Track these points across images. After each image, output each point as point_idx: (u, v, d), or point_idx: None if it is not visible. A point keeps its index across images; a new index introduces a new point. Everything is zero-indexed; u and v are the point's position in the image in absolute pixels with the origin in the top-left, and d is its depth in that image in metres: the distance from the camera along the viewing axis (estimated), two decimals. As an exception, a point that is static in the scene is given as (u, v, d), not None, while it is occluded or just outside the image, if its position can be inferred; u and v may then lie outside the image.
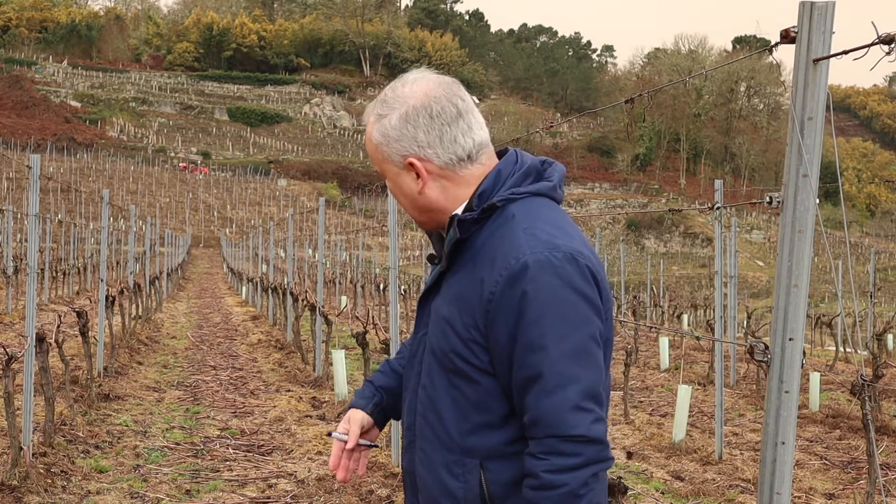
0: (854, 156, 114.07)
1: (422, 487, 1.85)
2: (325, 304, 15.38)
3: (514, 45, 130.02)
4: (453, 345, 1.76)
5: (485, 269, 1.73)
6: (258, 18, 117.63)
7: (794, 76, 2.00)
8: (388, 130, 1.83)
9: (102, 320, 10.13)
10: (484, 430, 1.76)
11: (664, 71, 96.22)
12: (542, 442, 1.66)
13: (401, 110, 1.81)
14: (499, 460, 1.75)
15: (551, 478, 1.65)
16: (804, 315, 2.03)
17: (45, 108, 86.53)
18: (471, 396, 1.76)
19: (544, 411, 1.66)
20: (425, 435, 1.83)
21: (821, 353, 16.81)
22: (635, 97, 4.33)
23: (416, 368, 1.88)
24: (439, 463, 1.79)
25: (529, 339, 1.67)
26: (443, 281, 1.84)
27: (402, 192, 1.87)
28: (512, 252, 1.70)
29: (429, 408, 1.82)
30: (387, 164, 1.86)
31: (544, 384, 1.66)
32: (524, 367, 1.68)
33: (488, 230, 1.77)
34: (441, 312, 1.80)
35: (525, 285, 1.67)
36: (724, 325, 8.75)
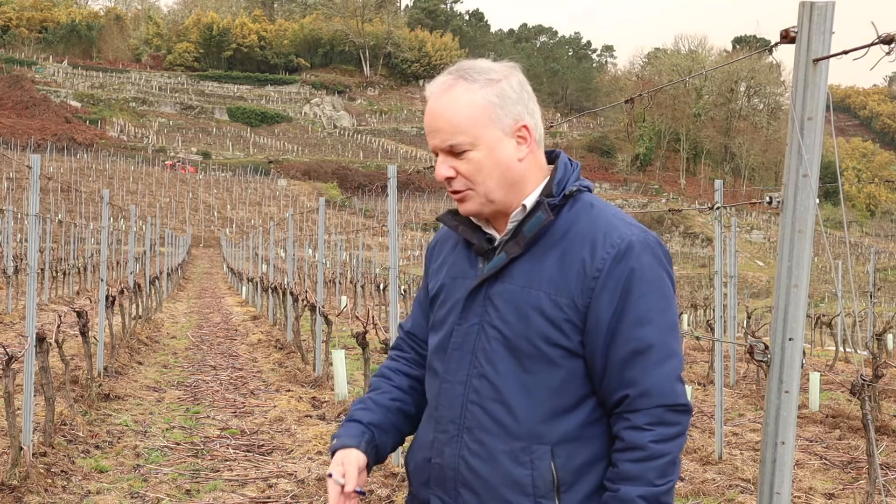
0: (854, 156, 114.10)
1: (474, 482, 1.80)
2: (325, 304, 15.38)
3: (514, 45, 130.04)
4: (539, 328, 1.77)
5: (584, 249, 1.77)
6: (258, 18, 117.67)
7: (794, 76, 2.00)
8: (508, 92, 1.82)
9: (102, 320, 10.13)
10: (558, 415, 1.77)
11: (664, 71, 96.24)
12: (651, 412, 1.72)
13: (517, 77, 1.84)
14: (569, 445, 1.77)
15: (657, 448, 1.71)
16: (804, 315, 2.03)
17: (45, 108, 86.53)
18: (549, 381, 1.77)
19: (656, 382, 1.73)
20: (483, 425, 1.80)
21: (821, 353, 16.81)
22: (635, 97, 4.33)
23: (468, 358, 1.84)
24: (503, 452, 1.77)
25: (638, 313, 1.74)
26: (511, 267, 1.82)
27: (496, 161, 1.81)
28: (615, 232, 1.77)
29: (490, 397, 1.80)
30: (489, 129, 1.80)
31: (653, 356, 1.73)
32: (632, 340, 1.73)
33: (567, 216, 1.82)
34: (516, 296, 1.79)
35: (632, 262, 1.75)
36: (724, 325, 8.75)
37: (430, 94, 1.85)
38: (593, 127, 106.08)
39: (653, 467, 1.70)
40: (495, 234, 1.89)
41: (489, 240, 1.89)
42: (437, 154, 1.85)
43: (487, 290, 1.84)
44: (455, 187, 1.84)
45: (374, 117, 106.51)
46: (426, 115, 1.86)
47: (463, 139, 1.79)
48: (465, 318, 1.87)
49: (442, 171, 1.83)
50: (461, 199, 1.85)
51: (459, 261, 1.93)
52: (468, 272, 1.89)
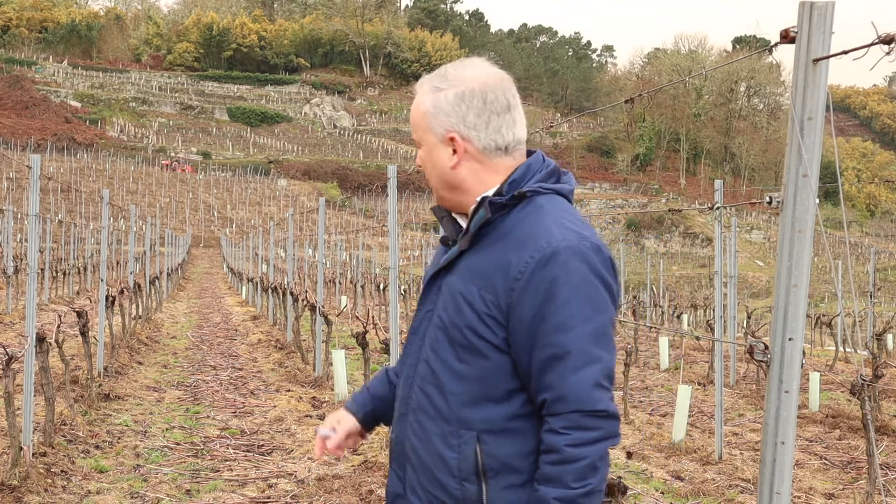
0: (854, 156, 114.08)
1: (414, 459, 1.92)
2: (325, 304, 15.38)
3: (514, 45, 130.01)
4: (468, 320, 1.84)
5: (513, 251, 1.82)
6: (258, 18, 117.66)
7: (794, 76, 2.00)
8: (442, 103, 1.94)
9: (102, 320, 10.13)
10: (484, 403, 1.83)
11: (664, 71, 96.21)
12: (567, 417, 1.76)
13: (459, 88, 1.93)
14: (496, 435, 1.83)
15: (573, 451, 1.75)
16: (804, 315, 2.04)
17: (45, 108, 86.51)
18: (477, 371, 1.84)
19: (571, 387, 1.76)
20: (423, 406, 1.90)
21: (821, 353, 16.81)
22: (635, 97, 4.34)
23: (418, 343, 1.96)
24: (435, 434, 1.86)
25: (559, 319, 1.77)
26: (460, 260, 1.92)
27: (433, 163, 1.96)
28: (544, 237, 1.81)
29: (429, 380, 1.89)
30: (427, 134, 1.96)
31: (571, 362, 1.76)
32: (550, 345, 1.77)
33: (516, 216, 1.88)
34: (456, 289, 1.88)
35: (556, 269, 1.78)
36: (724, 325, 8.76)
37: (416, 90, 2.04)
38: (593, 127, 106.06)
39: (569, 470, 1.74)
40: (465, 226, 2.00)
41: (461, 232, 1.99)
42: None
43: (441, 279, 1.95)
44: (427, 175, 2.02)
45: (374, 117, 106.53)
46: None
47: (415, 136, 2.00)
48: (422, 306, 2.00)
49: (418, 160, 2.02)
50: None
51: (440, 252, 2.06)
52: (437, 262, 2.02)
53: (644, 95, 4.12)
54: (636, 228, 73.68)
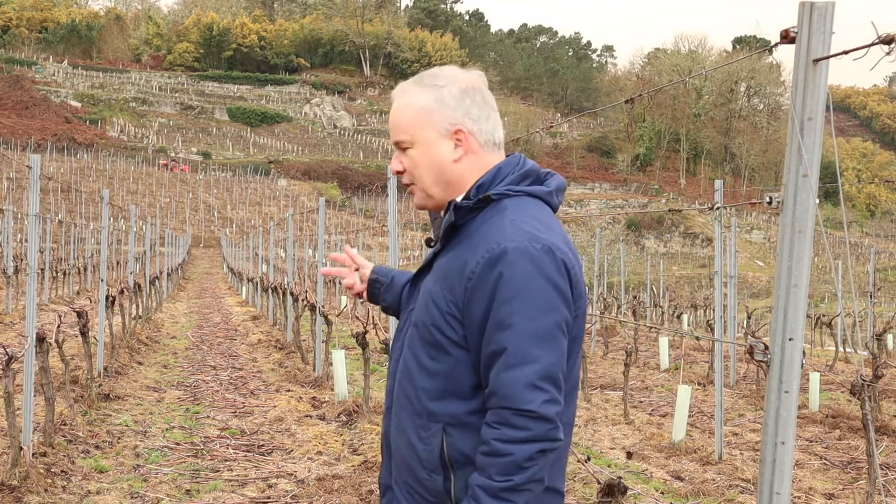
0: (854, 156, 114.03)
1: (394, 450, 2.01)
2: (325, 304, 15.38)
3: (514, 45, 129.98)
4: (434, 318, 1.91)
5: (469, 252, 1.88)
6: (258, 18, 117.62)
7: (794, 76, 2.00)
8: (447, 98, 1.98)
9: (102, 320, 10.13)
10: (449, 398, 1.90)
11: (664, 71, 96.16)
12: (497, 412, 1.80)
13: (461, 85, 1.99)
14: (460, 428, 1.89)
15: (499, 446, 1.78)
16: (804, 315, 2.03)
17: (45, 108, 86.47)
18: (443, 366, 1.90)
19: (502, 384, 1.79)
20: (400, 401, 1.98)
21: (821, 353, 16.81)
22: (635, 97, 4.34)
23: (401, 341, 2.04)
24: (409, 427, 1.94)
25: (500, 317, 1.81)
26: (435, 261, 2.01)
27: (430, 159, 1.98)
28: (495, 238, 1.85)
29: (405, 375, 1.97)
30: (426, 130, 1.97)
31: (506, 359, 1.79)
32: (492, 342, 1.82)
33: (481, 219, 1.92)
34: (428, 288, 1.97)
35: (502, 268, 1.81)
36: (724, 325, 8.76)
37: (392, 95, 2.06)
38: (593, 127, 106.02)
39: (493, 463, 1.78)
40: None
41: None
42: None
43: (421, 280, 2.05)
44: (404, 181, 2.05)
45: (374, 117, 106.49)
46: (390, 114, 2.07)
47: (405, 137, 1.99)
48: (407, 305, 2.10)
49: (393, 164, 2.04)
50: (411, 192, 2.06)
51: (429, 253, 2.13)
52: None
53: (644, 95, 4.12)
54: (636, 228, 73.68)
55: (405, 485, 1.96)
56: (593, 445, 7.65)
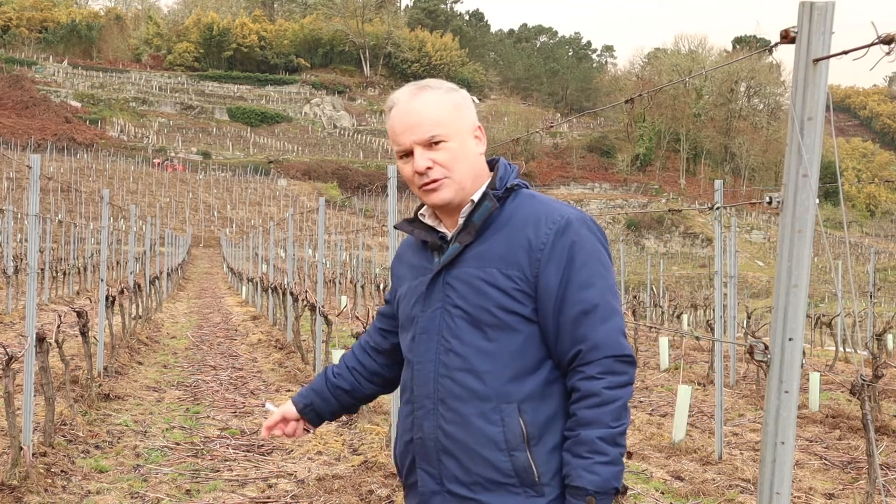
0: (854, 156, 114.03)
1: (451, 446, 2.02)
2: (325, 304, 15.38)
3: (514, 45, 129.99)
4: (495, 298, 1.99)
5: (528, 228, 2.01)
6: (258, 18, 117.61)
7: (794, 76, 2.00)
8: (467, 99, 2.15)
9: (102, 320, 10.13)
10: (520, 376, 1.99)
11: (664, 71, 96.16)
12: (601, 363, 1.94)
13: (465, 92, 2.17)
14: (533, 402, 1.98)
15: (610, 393, 1.93)
16: (804, 315, 2.03)
17: (45, 108, 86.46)
18: (510, 346, 1.99)
19: (603, 336, 1.96)
20: (454, 393, 2.01)
21: (821, 353, 16.81)
22: (635, 97, 4.34)
23: (435, 339, 2.06)
24: (474, 415, 1.98)
25: (582, 278, 1.97)
26: (465, 253, 2.06)
27: (465, 154, 2.09)
28: (555, 212, 2.03)
29: (458, 367, 2.01)
30: (459, 124, 2.09)
31: (599, 314, 1.96)
32: (579, 302, 1.97)
33: (510, 206, 2.07)
34: (473, 276, 2.03)
35: (573, 235, 1.99)
36: (724, 325, 8.75)
37: (398, 100, 2.11)
38: (593, 127, 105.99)
39: (608, 411, 1.92)
40: (447, 232, 2.14)
41: (442, 238, 2.13)
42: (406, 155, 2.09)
43: (445, 277, 2.08)
44: (433, 176, 2.06)
45: (375, 117, 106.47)
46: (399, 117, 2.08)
47: (441, 131, 2.05)
48: (428, 305, 2.10)
49: (421, 162, 2.05)
50: (437, 187, 2.07)
51: (418, 262, 2.18)
52: (426, 268, 2.14)
53: (644, 95, 4.12)
54: (636, 228, 73.68)
55: (472, 476, 1.98)
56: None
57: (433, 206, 2.12)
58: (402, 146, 2.08)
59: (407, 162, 2.09)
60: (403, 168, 2.11)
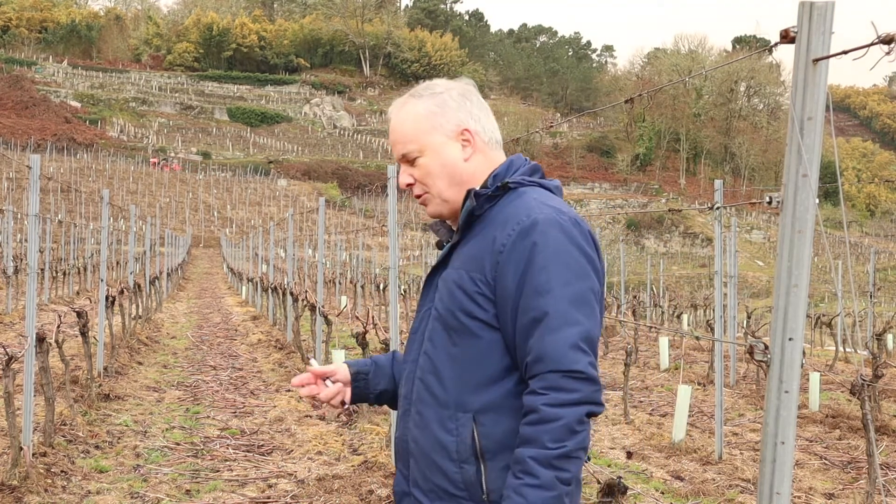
0: (854, 156, 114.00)
1: (415, 450, 1.95)
2: (325, 304, 15.37)
3: (514, 45, 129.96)
4: (460, 301, 1.90)
5: (497, 228, 1.90)
6: (258, 18, 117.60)
7: (794, 76, 2.00)
8: (449, 101, 2.02)
9: (102, 320, 10.13)
10: (479, 385, 1.88)
11: (664, 71, 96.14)
12: (544, 377, 1.78)
13: (459, 89, 2.05)
14: (491, 414, 1.86)
15: (550, 411, 1.76)
16: (804, 315, 2.03)
17: (45, 108, 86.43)
18: (470, 352, 1.89)
19: (548, 347, 1.79)
20: (421, 397, 1.94)
21: (821, 353, 16.81)
22: (635, 97, 4.34)
23: (419, 339, 2.01)
24: (433, 420, 1.90)
25: (537, 283, 1.82)
26: (453, 254, 1.99)
27: (441, 162, 2.00)
28: (524, 212, 1.88)
29: (428, 370, 1.94)
30: (433, 135, 1.99)
31: (549, 323, 1.80)
32: (531, 309, 1.81)
33: (501, 206, 1.95)
34: (450, 278, 1.95)
35: (535, 237, 1.84)
36: (724, 325, 8.75)
37: (389, 114, 2.08)
38: (593, 127, 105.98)
39: (545, 430, 1.74)
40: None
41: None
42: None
43: (436, 277, 2.03)
44: (416, 192, 2.04)
45: (374, 117, 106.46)
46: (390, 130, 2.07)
47: (412, 147, 2.00)
48: (421, 305, 2.06)
49: (402, 179, 2.05)
50: (422, 202, 2.05)
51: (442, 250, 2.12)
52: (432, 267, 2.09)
53: (644, 95, 4.12)
54: (636, 228, 73.67)
55: (427, 483, 1.92)
56: (593, 445, 7.65)
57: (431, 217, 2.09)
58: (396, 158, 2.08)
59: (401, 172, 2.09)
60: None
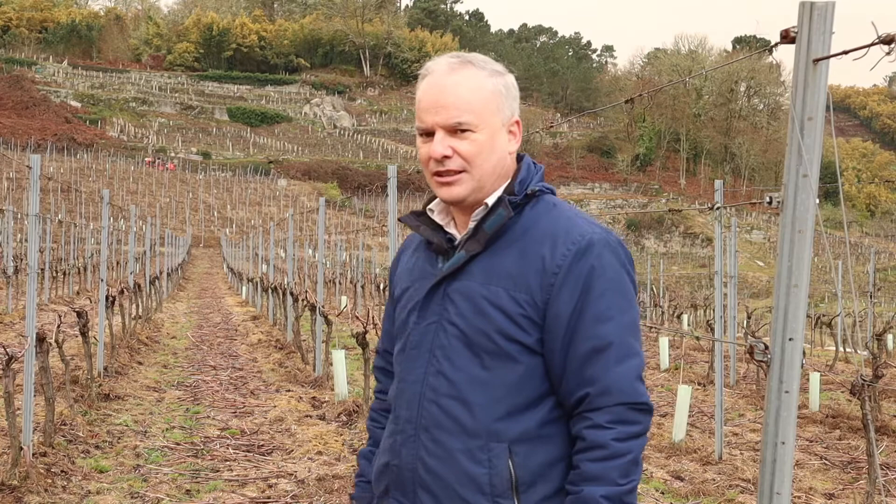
0: (854, 156, 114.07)
1: (431, 482, 1.78)
2: (325, 304, 15.38)
3: (514, 45, 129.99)
4: (497, 323, 1.75)
5: (545, 246, 1.76)
6: (258, 18, 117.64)
7: (794, 76, 2.00)
8: (511, 88, 1.87)
9: (102, 320, 10.13)
10: (516, 413, 1.75)
11: (664, 71, 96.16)
12: (611, 410, 1.70)
13: (511, 77, 1.88)
14: (528, 444, 1.75)
15: (620, 446, 1.69)
16: (804, 315, 2.03)
17: (45, 108, 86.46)
18: (507, 378, 1.75)
19: (615, 380, 1.70)
20: (439, 423, 1.77)
21: (821, 353, 16.81)
22: (635, 97, 4.34)
23: (425, 356, 1.82)
24: (459, 450, 1.75)
25: (598, 310, 1.72)
26: (471, 264, 1.81)
27: (493, 147, 1.82)
28: (576, 230, 1.76)
29: (446, 394, 1.77)
30: (495, 116, 1.82)
31: (614, 354, 1.71)
32: (591, 337, 1.72)
33: (528, 215, 1.82)
34: (476, 293, 1.78)
35: (593, 260, 1.73)
36: (724, 325, 8.75)
37: (433, 71, 1.82)
38: (593, 127, 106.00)
39: (615, 466, 1.68)
40: (456, 234, 1.89)
41: (449, 239, 1.88)
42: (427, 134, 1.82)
43: (446, 287, 1.83)
44: (449, 167, 1.80)
45: (374, 117, 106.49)
46: (428, 91, 1.81)
47: (471, 118, 1.78)
48: (423, 317, 1.85)
49: (439, 149, 1.79)
50: (452, 181, 1.81)
51: (421, 263, 1.93)
52: (428, 272, 1.89)
53: (644, 95, 4.12)
54: (636, 228, 73.67)
55: None
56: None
57: (444, 201, 1.86)
58: (425, 124, 1.81)
59: (426, 142, 1.83)
60: (421, 148, 1.84)
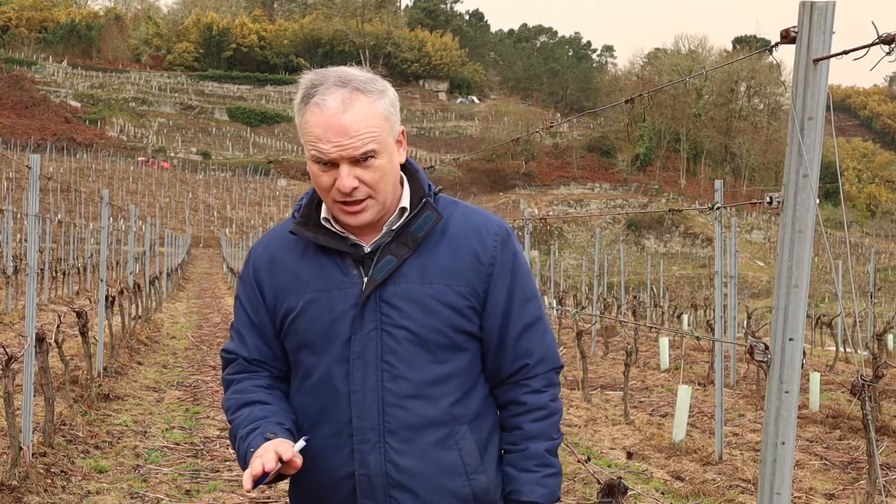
0: (854, 156, 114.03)
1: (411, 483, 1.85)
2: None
3: (514, 45, 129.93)
4: (446, 317, 1.87)
5: (473, 241, 1.91)
6: (258, 18, 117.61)
7: (794, 76, 2.00)
8: (395, 102, 1.91)
9: (102, 320, 10.13)
10: (467, 395, 1.92)
11: (664, 71, 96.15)
12: (546, 376, 1.96)
13: (392, 89, 1.92)
14: (478, 419, 1.93)
15: (554, 405, 1.96)
16: (804, 315, 2.03)
17: (45, 108, 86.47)
18: (459, 366, 1.90)
19: (547, 348, 1.97)
20: (408, 423, 1.85)
21: (821, 353, 16.80)
22: (635, 97, 4.34)
23: (374, 364, 1.85)
24: (430, 444, 1.86)
25: (524, 292, 1.95)
26: (402, 268, 1.86)
27: (392, 168, 1.88)
28: (491, 223, 1.95)
29: (409, 395, 1.85)
30: (389, 137, 1.86)
31: (542, 326, 1.97)
32: (523, 315, 1.94)
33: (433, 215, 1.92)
34: (419, 294, 1.86)
35: (513, 247, 1.95)
36: (724, 325, 8.75)
37: (324, 106, 1.80)
38: (593, 127, 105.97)
39: (552, 423, 1.94)
40: (360, 242, 1.90)
41: (353, 246, 1.89)
42: (325, 163, 1.80)
43: (379, 294, 1.86)
44: (357, 197, 1.82)
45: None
46: (324, 123, 1.79)
47: (373, 146, 1.81)
48: (360, 327, 1.86)
49: (348, 182, 1.79)
50: (360, 209, 1.84)
51: (325, 272, 1.89)
52: (344, 281, 1.88)
53: (644, 95, 4.12)
54: (636, 228, 73.65)
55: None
56: (593, 446, 7.65)
57: (350, 225, 1.87)
58: (327, 157, 1.79)
59: (326, 171, 1.81)
60: (321, 176, 1.82)
